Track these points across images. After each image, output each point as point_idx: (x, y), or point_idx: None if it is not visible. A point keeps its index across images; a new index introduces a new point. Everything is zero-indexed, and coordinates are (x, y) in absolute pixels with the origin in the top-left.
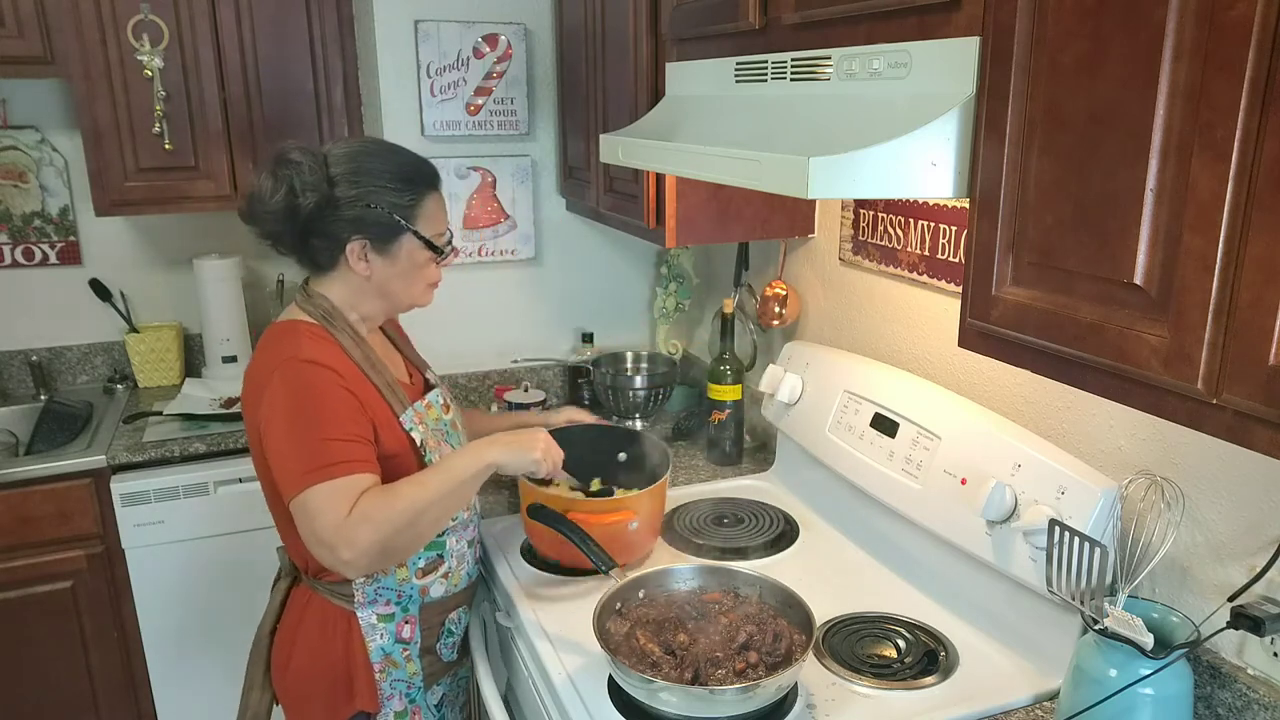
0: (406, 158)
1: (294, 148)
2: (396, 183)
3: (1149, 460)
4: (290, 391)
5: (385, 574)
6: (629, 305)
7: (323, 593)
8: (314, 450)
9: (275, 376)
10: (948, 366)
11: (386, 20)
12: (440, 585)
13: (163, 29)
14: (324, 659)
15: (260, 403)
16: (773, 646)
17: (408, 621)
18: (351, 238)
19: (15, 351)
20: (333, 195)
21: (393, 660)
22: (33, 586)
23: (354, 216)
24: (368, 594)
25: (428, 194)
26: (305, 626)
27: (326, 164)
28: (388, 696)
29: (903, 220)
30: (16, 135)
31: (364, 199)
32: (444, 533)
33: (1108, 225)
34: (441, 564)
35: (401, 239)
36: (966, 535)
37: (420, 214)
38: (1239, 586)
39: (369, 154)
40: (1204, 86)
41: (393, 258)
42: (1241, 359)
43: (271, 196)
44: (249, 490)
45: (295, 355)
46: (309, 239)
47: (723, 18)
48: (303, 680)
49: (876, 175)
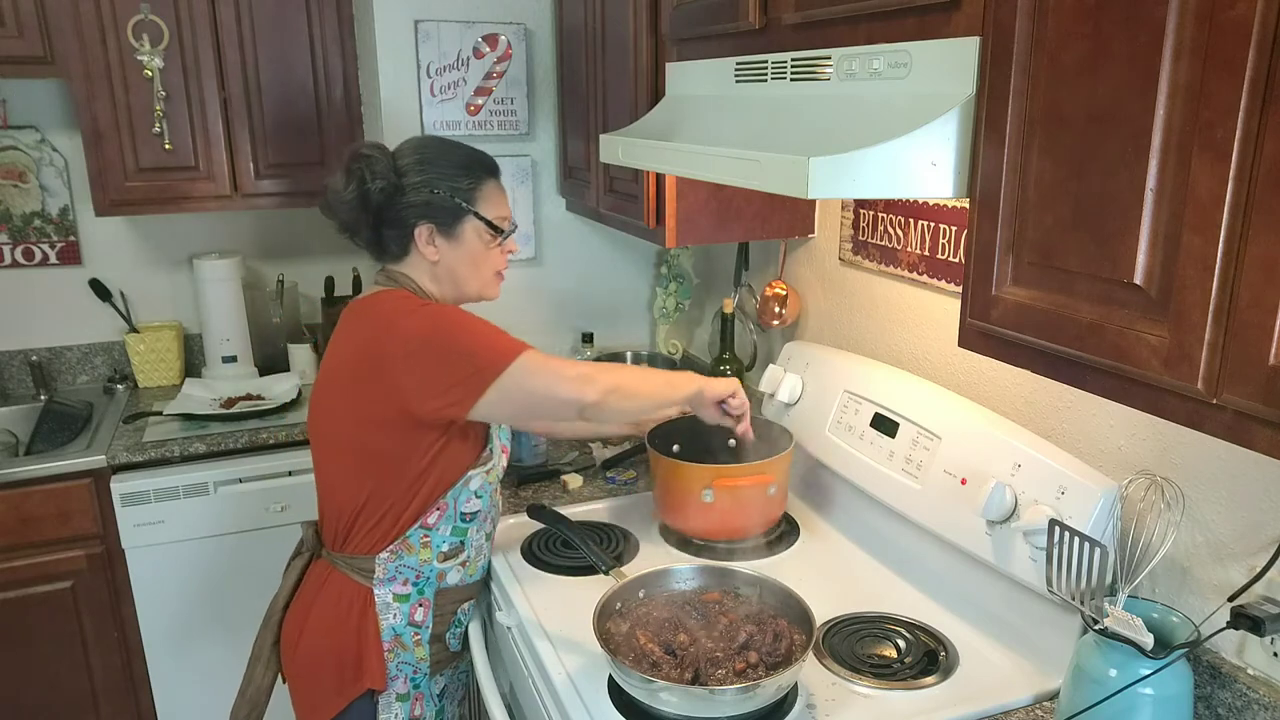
0: (466, 149)
1: (366, 144)
2: (457, 169)
3: (1149, 460)
4: (443, 314)
5: (409, 552)
6: (629, 305)
7: (342, 568)
8: (494, 336)
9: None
10: (948, 366)
11: (386, 20)
12: (457, 573)
13: (163, 29)
14: (337, 635)
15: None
16: (773, 646)
17: (421, 604)
18: (419, 223)
19: (15, 351)
20: (400, 184)
21: (402, 642)
22: (33, 586)
23: (420, 201)
24: (389, 570)
25: (487, 180)
26: (320, 602)
27: (394, 157)
28: (393, 677)
29: (903, 220)
30: (16, 135)
31: (429, 185)
32: (469, 521)
33: (1108, 225)
34: (462, 551)
35: (464, 222)
36: (966, 535)
37: (480, 197)
38: (1239, 586)
39: (432, 146)
40: (1204, 86)
41: (458, 241)
42: (1241, 359)
43: (346, 188)
44: (249, 490)
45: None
46: (381, 228)
47: (723, 18)
48: (313, 656)
49: (876, 175)
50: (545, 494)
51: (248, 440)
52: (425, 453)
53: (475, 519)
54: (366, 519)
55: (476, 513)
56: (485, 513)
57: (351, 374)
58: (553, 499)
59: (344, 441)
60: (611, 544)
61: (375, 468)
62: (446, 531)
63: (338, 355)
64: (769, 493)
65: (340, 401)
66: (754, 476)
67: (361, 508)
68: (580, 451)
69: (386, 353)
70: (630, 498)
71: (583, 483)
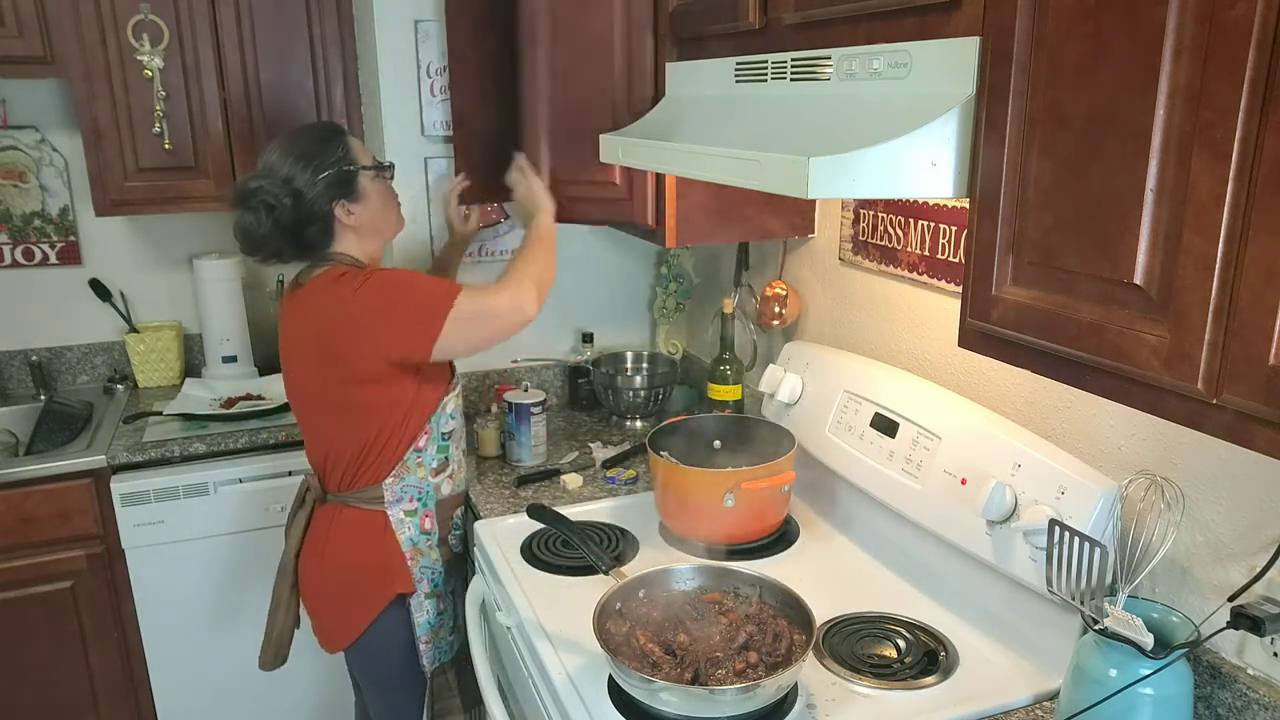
0: (312, 127)
1: (243, 180)
2: (324, 145)
3: (1149, 460)
4: (383, 280)
5: (409, 473)
6: (629, 305)
7: (353, 503)
8: (430, 286)
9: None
10: (948, 366)
11: (386, 20)
12: (448, 484)
13: (163, 29)
14: (360, 558)
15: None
16: (773, 646)
17: (427, 515)
18: (331, 204)
19: (15, 351)
20: (296, 189)
21: (419, 549)
22: (33, 586)
23: (321, 189)
24: (395, 492)
25: (347, 138)
26: (335, 537)
27: (274, 172)
28: (418, 580)
29: (903, 220)
30: (16, 135)
31: (318, 172)
32: (449, 439)
33: (1108, 225)
34: (449, 465)
35: (358, 180)
36: (966, 535)
37: (354, 155)
38: (1239, 586)
39: (294, 144)
40: (1204, 86)
41: (364, 197)
42: (1241, 359)
43: (261, 224)
44: (249, 490)
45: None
46: (302, 234)
47: (723, 18)
48: (338, 582)
49: (876, 175)
50: (545, 494)
51: (248, 440)
52: (406, 391)
53: (453, 436)
54: (370, 457)
55: (453, 430)
56: (459, 429)
57: (322, 349)
58: (553, 499)
59: (336, 404)
60: (611, 544)
61: (369, 416)
62: (434, 451)
63: (295, 336)
64: (784, 491)
65: (320, 373)
66: (774, 478)
67: (364, 450)
68: (580, 451)
69: (351, 323)
70: (630, 498)
71: (582, 483)
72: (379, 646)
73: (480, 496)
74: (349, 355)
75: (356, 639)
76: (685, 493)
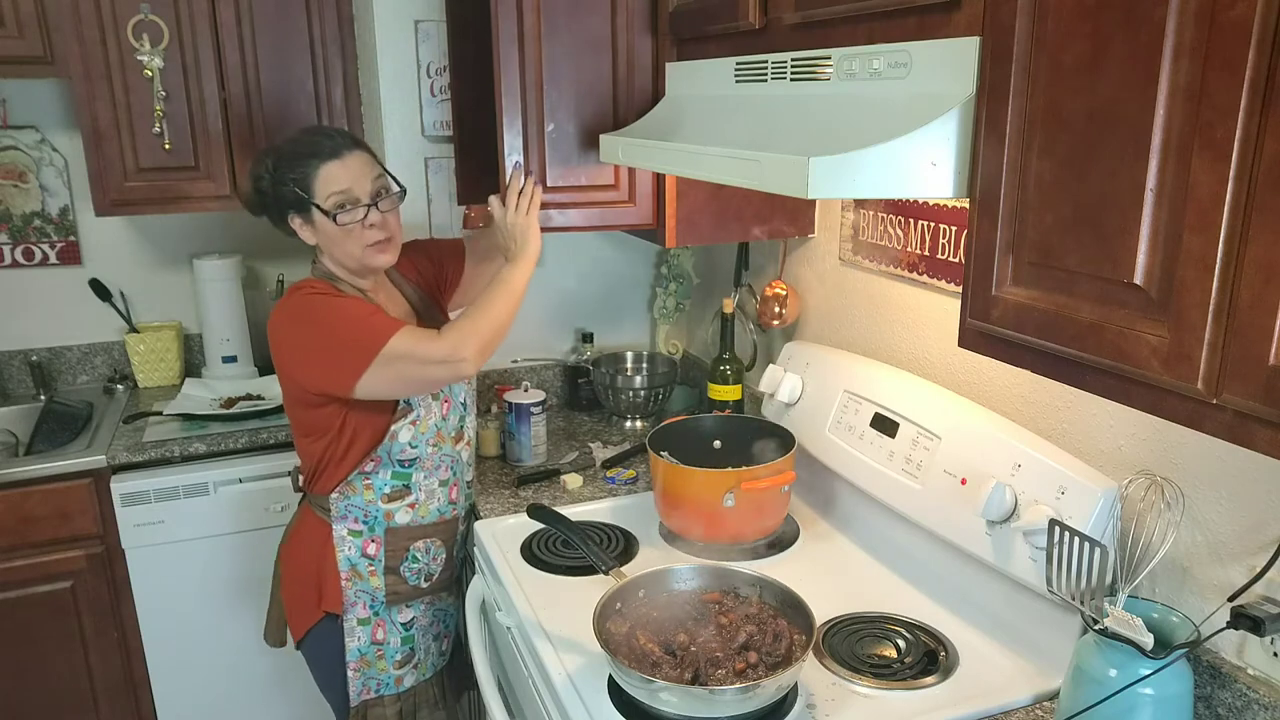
0: (311, 137)
1: (263, 150)
2: (293, 161)
3: (1149, 460)
4: (324, 310)
5: (354, 493)
6: (629, 305)
7: (313, 506)
8: (369, 323)
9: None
10: (948, 366)
11: (386, 20)
12: (406, 514)
13: (163, 29)
14: (305, 565)
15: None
16: (773, 646)
17: (374, 540)
18: (288, 213)
19: (15, 351)
20: (262, 188)
21: (358, 572)
22: (33, 586)
23: (277, 197)
24: (340, 509)
25: (319, 165)
26: (297, 536)
27: (262, 159)
28: (352, 603)
29: (903, 220)
30: (16, 135)
31: (280, 181)
32: (409, 466)
33: (1107, 225)
34: (408, 494)
35: (310, 209)
36: (966, 535)
37: (314, 184)
38: (1239, 586)
39: (288, 142)
40: (1204, 86)
41: (315, 225)
42: (1241, 359)
43: (252, 195)
44: (249, 490)
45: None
46: (278, 225)
47: (723, 18)
48: (291, 580)
49: (876, 175)
50: (545, 494)
51: (248, 440)
52: (334, 419)
53: (416, 465)
54: (321, 467)
55: (415, 459)
56: (428, 459)
57: (277, 360)
58: (553, 499)
59: (290, 411)
60: (611, 544)
61: (310, 432)
62: (386, 476)
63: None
64: (784, 490)
65: (281, 378)
66: (774, 478)
67: (318, 459)
68: (580, 451)
69: (286, 346)
70: (630, 498)
71: (582, 483)
72: (312, 657)
73: (480, 496)
74: (284, 375)
75: (298, 641)
76: (685, 493)
